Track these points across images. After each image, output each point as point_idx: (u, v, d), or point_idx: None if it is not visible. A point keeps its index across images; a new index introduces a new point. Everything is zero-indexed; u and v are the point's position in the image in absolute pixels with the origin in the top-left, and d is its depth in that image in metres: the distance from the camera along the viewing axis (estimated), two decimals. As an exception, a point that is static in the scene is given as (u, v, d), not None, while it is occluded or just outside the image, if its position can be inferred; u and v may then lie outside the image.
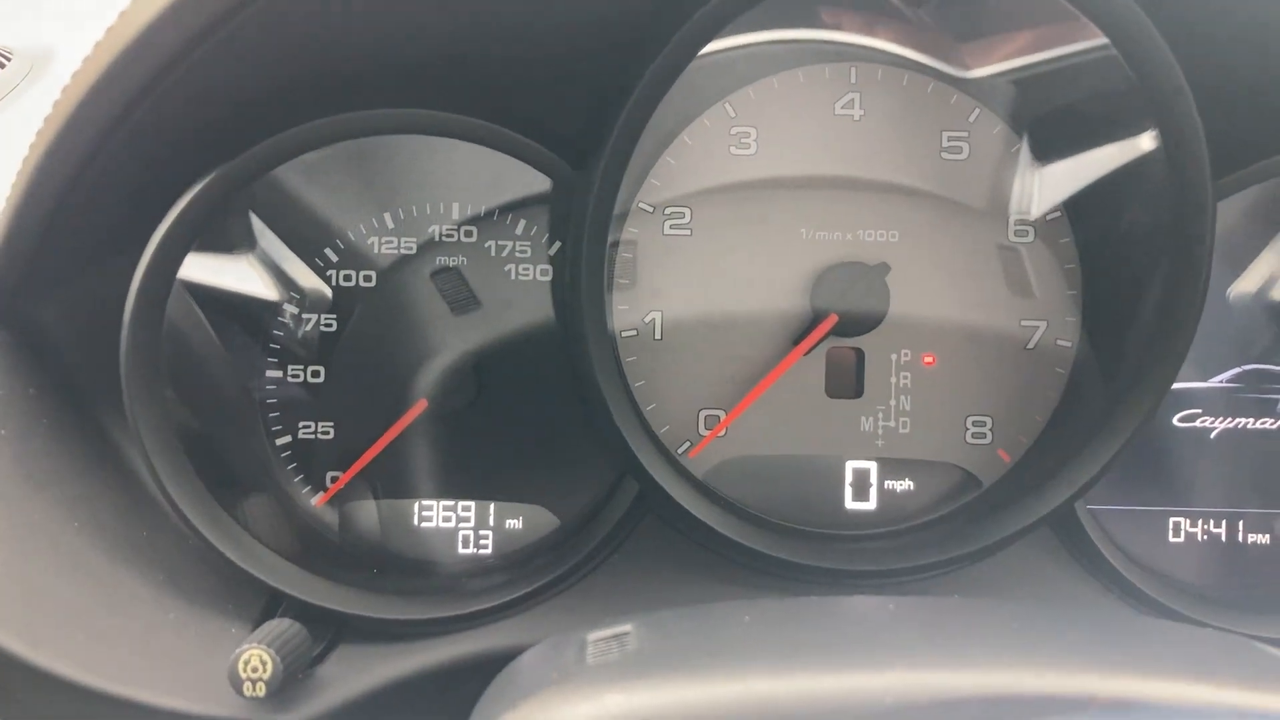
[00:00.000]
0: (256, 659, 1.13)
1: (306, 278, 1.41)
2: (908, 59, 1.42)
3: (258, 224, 1.40)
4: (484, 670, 1.22)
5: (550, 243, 1.42)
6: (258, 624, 1.27)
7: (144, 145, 1.18)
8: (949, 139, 1.42)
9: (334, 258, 1.41)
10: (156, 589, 1.26)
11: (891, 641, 0.88)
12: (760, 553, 1.34)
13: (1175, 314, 1.27)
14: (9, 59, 1.88)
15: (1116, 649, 0.85)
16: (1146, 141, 1.28)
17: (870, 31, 1.44)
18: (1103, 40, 1.22)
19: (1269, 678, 0.83)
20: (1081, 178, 1.40)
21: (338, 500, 1.43)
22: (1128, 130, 1.32)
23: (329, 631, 1.30)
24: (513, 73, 1.24)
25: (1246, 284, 1.47)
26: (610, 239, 1.39)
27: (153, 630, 1.22)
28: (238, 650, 1.13)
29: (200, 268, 1.35)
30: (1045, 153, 1.42)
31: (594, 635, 0.95)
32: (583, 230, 1.26)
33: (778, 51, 1.41)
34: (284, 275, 1.41)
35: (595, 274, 1.29)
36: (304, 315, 1.42)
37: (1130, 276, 1.35)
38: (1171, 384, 1.31)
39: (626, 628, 0.95)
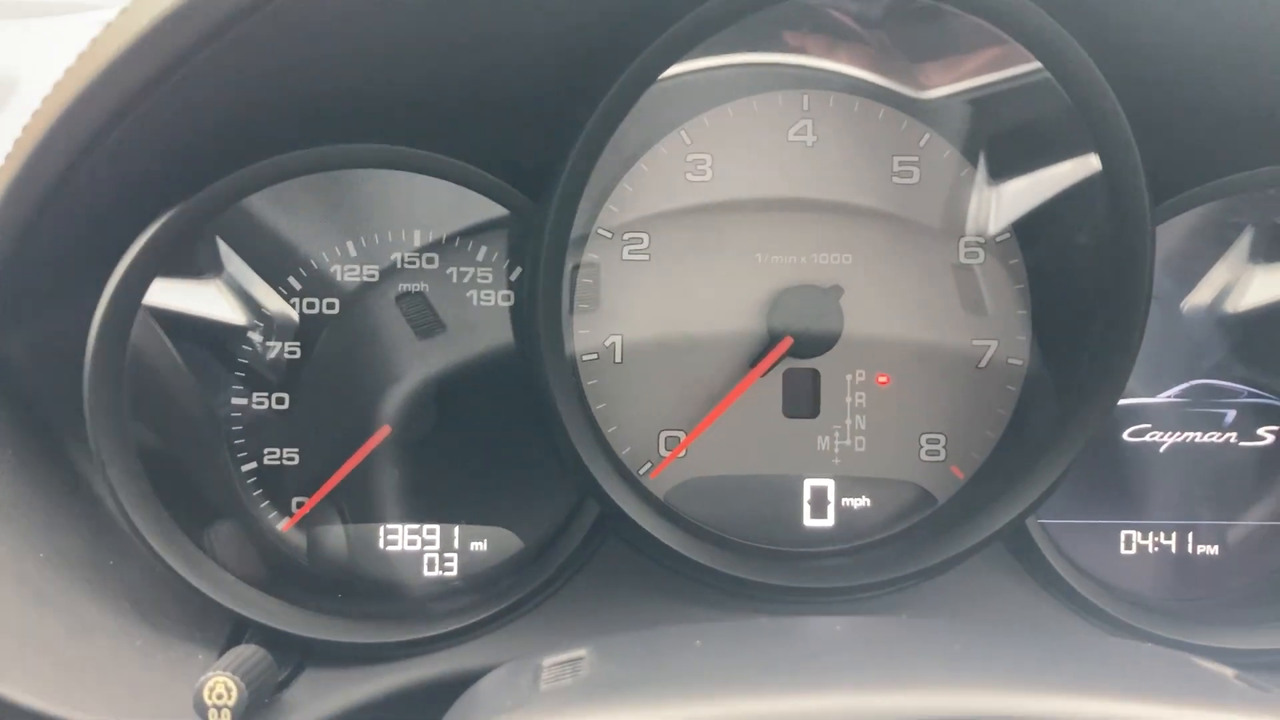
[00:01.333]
0: (221, 686, 1.15)
1: (271, 305, 1.43)
2: (859, 86, 1.45)
3: (224, 249, 1.41)
4: (449, 692, 1.25)
5: (511, 269, 1.44)
6: (224, 650, 1.28)
7: (108, 178, 1.20)
8: (900, 164, 1.45)
9: (297, 286, 1.44)
10: (123, 617, 1.28)
11: (835, 664, 0.91)
12: (719, 572, 1.36)
13: (1119, 334, 1.31)
14: (-28, 88, 1.90)
15: (1052, 666, 0.88)
16: (1089, 165, 1.31)
17: (827, 53, 1.46)
18: (1043, 63, 1.26)
19: (1198, 693, 0.86)
20: (1029, 200, 1.43)
21: (305, 525, 1.45)
22: (1071, 153, 1.35)
23: (295, 656, 1.32)
24: (472, 109, 1.27)
25: (1198, 299, 1.50)
26: (571, 263, 1.42)
27: (119, 658, 1.24)
28: (202, 678, 1.15)
29: (166, 294, 1.37)
30: (994, 175, 1.45)
31: (549, 660, 0.97)
32: (539, 260, 1.28)
33: (732, 79, 1.44)
34: (249, 302, 1.43)
35: (552, 301, 1.31)
36: (268, 343, 1.44)
37: (1077, 297, 1.39)
38: (1117, 401, 1.34)
39: (581, 653, 0.97)
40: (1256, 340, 1.50)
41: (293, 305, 1.44)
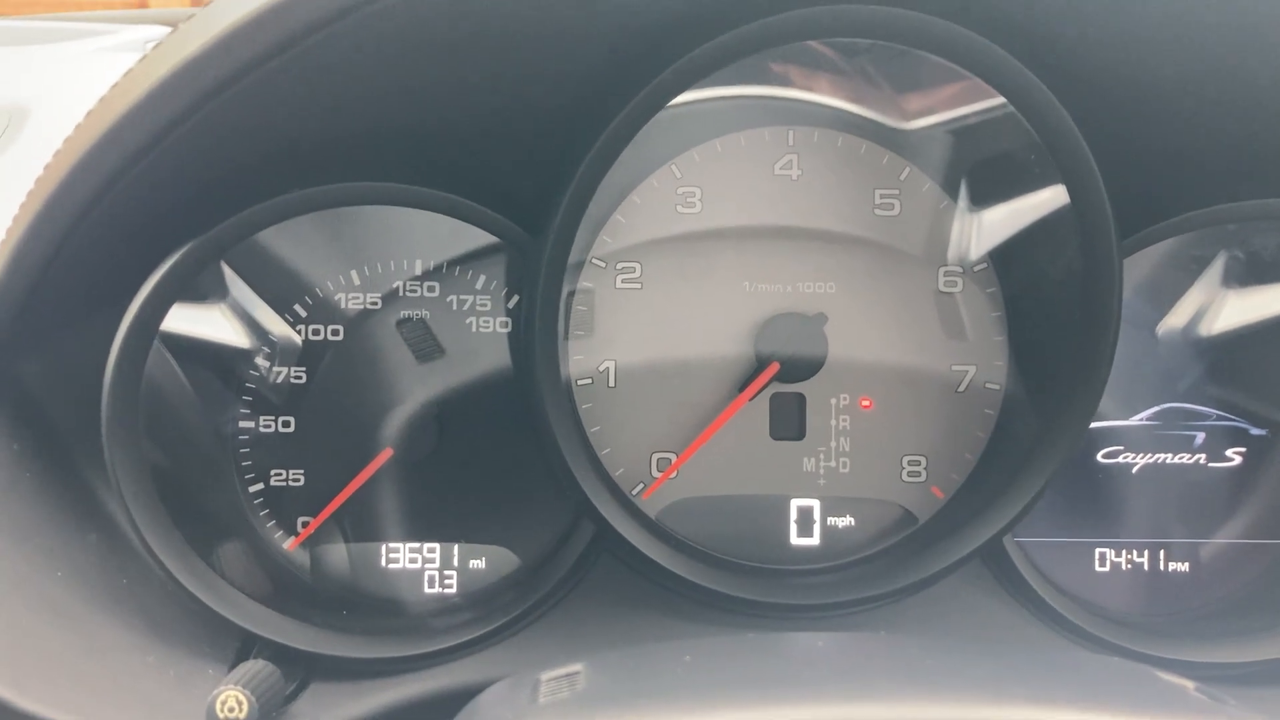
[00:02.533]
0: (233, 699, 1.19)
1: (278, 331, 1.49)
2: (843, 121, 1.50)
3: (231, 277, 1.47)
4: (450, 705, 1.30)
5: (509, 296, 1.49)
6: (234, 665, 1.33)
7: (130, 211, 1.24)
8: (881, 196, 1.50)
9: (303, 313, 1.49)
10: (137, 634, 1.32)
11: (816, 676, 0.96)
12: (709, 589, 1.41)
13: (1090, 361, 1.36)
14: (-15, 116, 1.94)
15: (1016, 677, 0.94)
16: (1060, 198, 1.36)
17: (812, 85, 1.52)
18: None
19: (1155, 703, 0.91)
20: (1004, 231, 1.49)
21: (310, 543, 1.50)
22: (1043, 186, 1.40)
23: (301, 671, 1.36)
24: (471, 147, 1.31)
25: (1173, 324, 1.55)
26: (567, 291, 1.48)
27: (134, 673, 1.28)
28: (215, 691, 1.18)
29: (177, 321, 1.41)
30: (972, 207, 1.50)
31: (547, 675, 1.02)
32: (536, 290, 1.34)
33: (721, 115, 1.49)
34: (256, 329, 1.48)
35: (548, 329, 1.37)
36: (275, 368, 1.49)
37: (1051, 324, 1.44)
38: (1088, 425, 1.39)
39: (577, 667, 1.02)
40: (1229, 364, 1.55)
41: (299, 332, 1.49)
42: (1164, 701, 0.94)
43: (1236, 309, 1.55)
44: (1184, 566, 1.55)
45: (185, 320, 1.43)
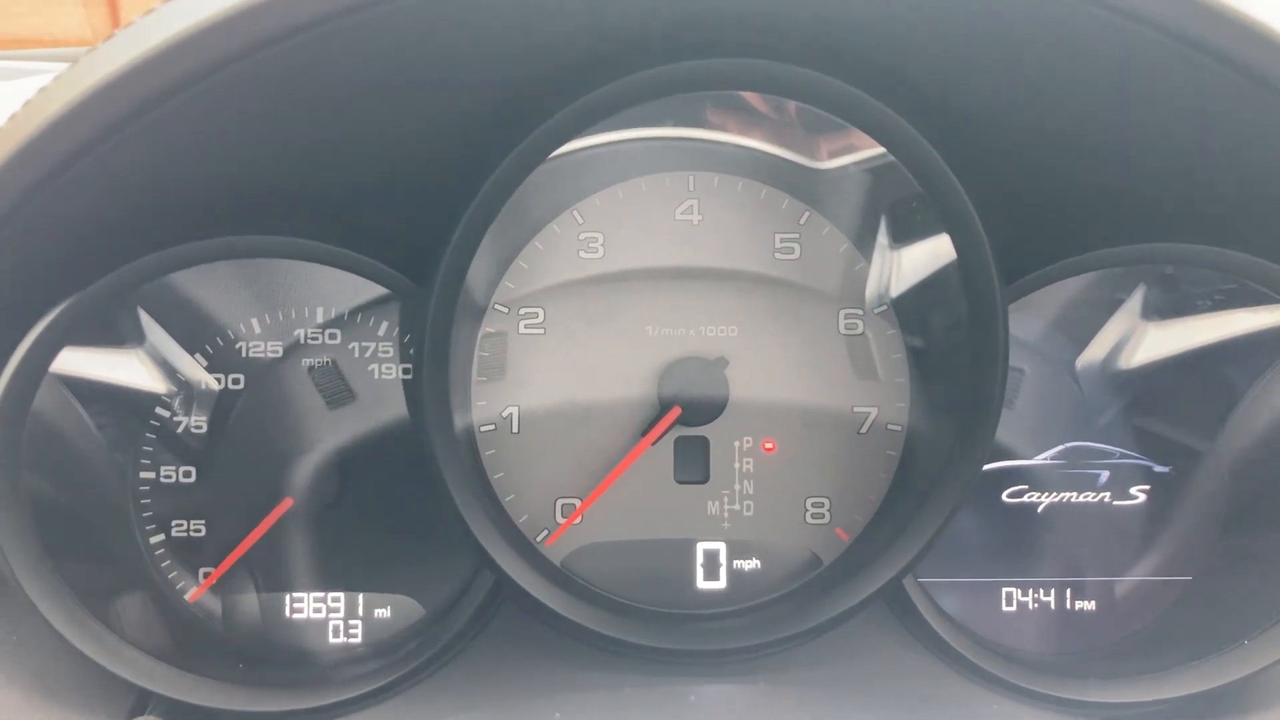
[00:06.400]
0: (115, 759, 1.19)
1: (179, 380, 1.48)
2: (743, 166, 1.51)
3: (145, 319, 1.46)
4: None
5: (411, 343, 1.49)
6: (126, 721, 1.32)
7: (14, 254, 1.23)
8: (781, 240, 1.51)
9: (204, 362, 1.48)
10: (24, 692, 1.30)
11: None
12: (610, 637, 1.41)
13: (980, 404, 1.36)
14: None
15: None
16: (950, 242, 1.37)
17: (731, 128, 1.53)
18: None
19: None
20: (901, 274, 1.50)
21: (213, 594, 1.49)
22: (934, 230, 1.41)
23: (198, 726, 1.35)
24: (356, 200, 1.31)
25: (1088, 359, 1.56)
26: (477, 336, 1.48)
27: (17, 733, 1.26)
28: (97, 751, 1.18)
29: (81, 365, 1.41)
30: (870, 251, 1.51)
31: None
32: (423, 340, 1.34)
33: (621, 161, 1.50)
34: (160, 378, 1.47)
35: (437, 378, 1.36)
36: (176, 417, 1.48)
37: (947, 366, 1.45)
38: (982, 466, 1.39)
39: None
40: (1138, 401, 1.56)
41: (199, 382, 1.48)
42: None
43: (1145, 346, 1.56)
44: (1090, 605, 1.56)
45: (88, 366, 1.43)
